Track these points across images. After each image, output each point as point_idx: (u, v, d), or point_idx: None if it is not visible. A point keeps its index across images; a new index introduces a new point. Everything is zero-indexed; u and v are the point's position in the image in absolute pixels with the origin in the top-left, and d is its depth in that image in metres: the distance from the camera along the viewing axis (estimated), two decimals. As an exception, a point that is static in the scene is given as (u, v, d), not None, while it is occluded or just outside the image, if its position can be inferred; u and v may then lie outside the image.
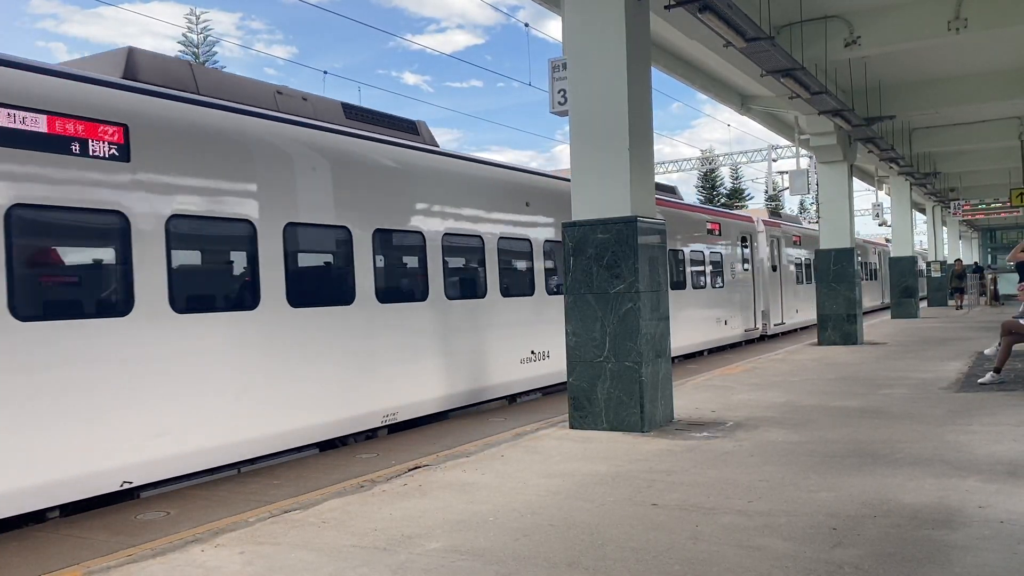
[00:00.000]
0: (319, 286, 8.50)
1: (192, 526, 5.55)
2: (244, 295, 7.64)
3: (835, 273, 16.56)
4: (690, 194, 72.88)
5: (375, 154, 9.29)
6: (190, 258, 7.33)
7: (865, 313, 29.25)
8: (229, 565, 4.26)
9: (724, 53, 12.18)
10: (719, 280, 19.24)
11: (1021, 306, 11.00)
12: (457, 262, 10.50)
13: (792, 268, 24.73)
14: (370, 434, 9.13)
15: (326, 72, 52.82)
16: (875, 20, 12.99)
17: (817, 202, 18.85)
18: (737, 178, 69.98)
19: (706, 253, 18.42)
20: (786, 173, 36.12)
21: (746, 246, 21.05)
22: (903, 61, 15.72)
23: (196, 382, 7.03)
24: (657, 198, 10.46)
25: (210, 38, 41.32)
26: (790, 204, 76.97)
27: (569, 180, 8.11)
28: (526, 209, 11.86)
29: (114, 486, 6.42)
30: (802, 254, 25.76)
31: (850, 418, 7.90)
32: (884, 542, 4.19)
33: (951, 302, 30.33)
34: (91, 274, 6.61)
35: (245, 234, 7.60)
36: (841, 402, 8.92)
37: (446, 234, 10.17)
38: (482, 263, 10.88)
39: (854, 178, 20.98)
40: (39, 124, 6.09)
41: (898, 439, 6.81)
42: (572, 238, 7.85)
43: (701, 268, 18.12)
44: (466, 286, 10.61)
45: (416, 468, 6.42)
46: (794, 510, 4.83)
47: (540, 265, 12.18)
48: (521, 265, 11.87)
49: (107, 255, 6.64)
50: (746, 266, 21.02)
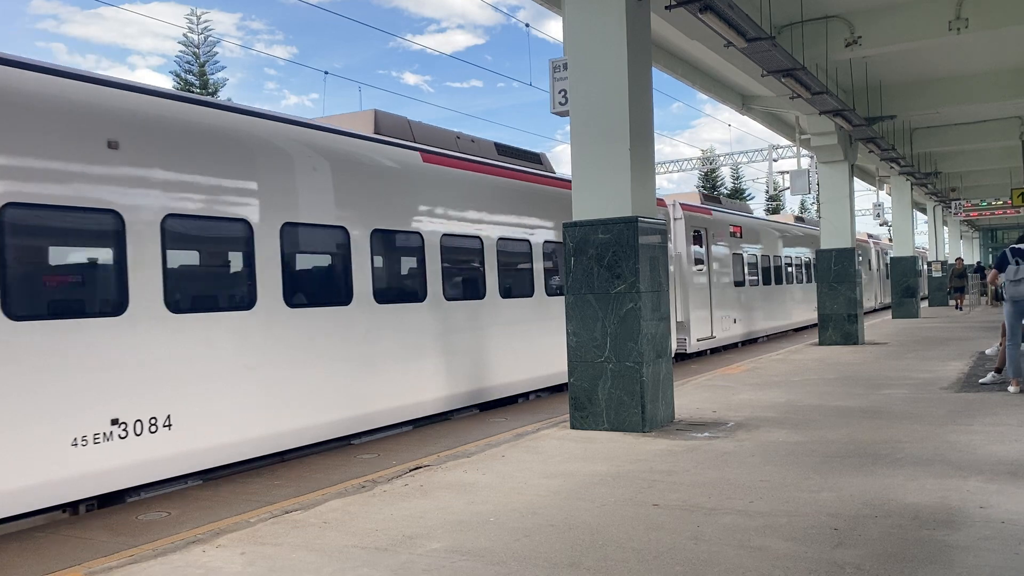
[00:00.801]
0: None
1: (193, 526, 5.55)
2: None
3: (836, 273, 16.56)
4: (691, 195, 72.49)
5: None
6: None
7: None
8: (230, 565, 4.27)
9: (725, 53, 12.19)
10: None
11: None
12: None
13: (728, 267, 19.73)
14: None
15: (327, 72, 52.90)
16: (876, 20, 12.99)
17: (818, 202, 18.82)
18: (738, 178, 70.00)
19: (536, 244, 12.05)
20: (787, 173, 36.16)
21: None
22: (904, 61, 15.72)
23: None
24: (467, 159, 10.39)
25: (210, 38, 41.32)
26: (791, 204, 77.00)
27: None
28: None
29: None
30: (746, 249, 21.00)
31: (851, 418, 7.90)
32: (885, 542, 4.19)
33: (951, 302, 29.79)
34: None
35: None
36: (842, 402, 8.91)
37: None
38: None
39: (855, 178, 21.03)
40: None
41: (899, 439, 6.81)
42: (573, 238, 7.85)
43: (523, 265, 11.89)
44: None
45: (417, 468, 6.42)
46: (795, 510, 4.83)
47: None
48: None
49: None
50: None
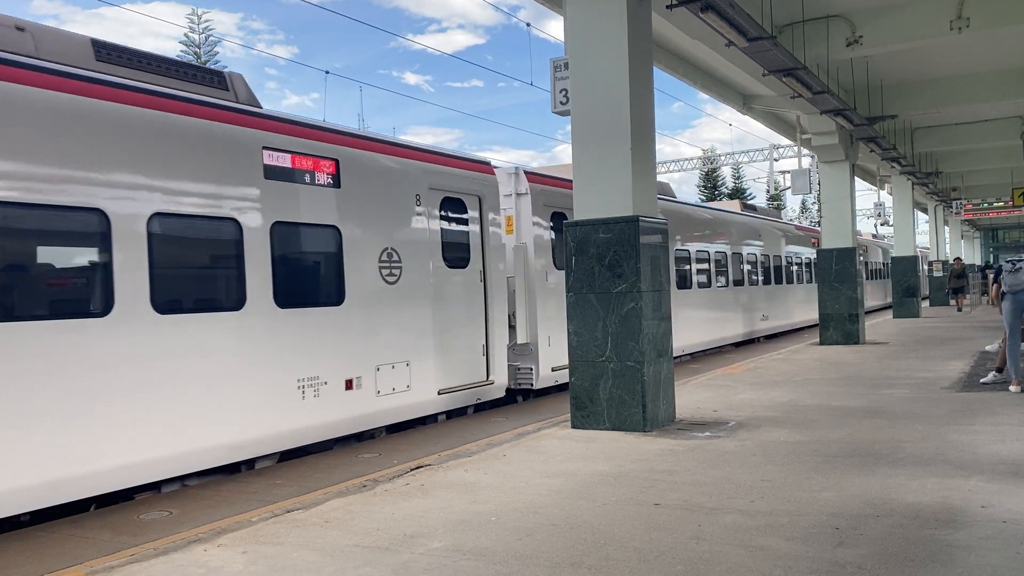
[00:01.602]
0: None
1: (195, 526, 5.55)
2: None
3: (837, 273, 16.55)
4: (691, 195, 72.63)
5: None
6: None
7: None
8: (232, 565, 4.27)
9: (726, 52, 12.18)
10: (334, 290, 8.61)
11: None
12: None
13: None
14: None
15: (327, 72, 52.92)
16: (877, 19, 12.98)
17: (819, 201, 18.80)
18: (739, 178, 69.99)
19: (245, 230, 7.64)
20: (788, 173, 36.21)
21: (445, 217, 10.23)
22: (905, 60, 15.71)
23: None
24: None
25: (211, 38, 41.35)
26: (792, 204, 76.96)
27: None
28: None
29: None
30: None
31: (852, 418, 7.89)
32: (887, 542, 4.19)
33: (952, 302, 29.21)
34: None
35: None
36: (843, 402, 8.91)
37: None
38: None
39: (856, 178, 20.99)
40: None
41: (900, 439, 6.80)
42: (574, 237, 7.85)
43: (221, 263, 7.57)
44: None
45: (418, 468, 6.42)
46: (796, 510, 4.83)
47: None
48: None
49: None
50: (438, 261, 10.04)
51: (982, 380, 9.89)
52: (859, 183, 30.49)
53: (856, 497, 5.05)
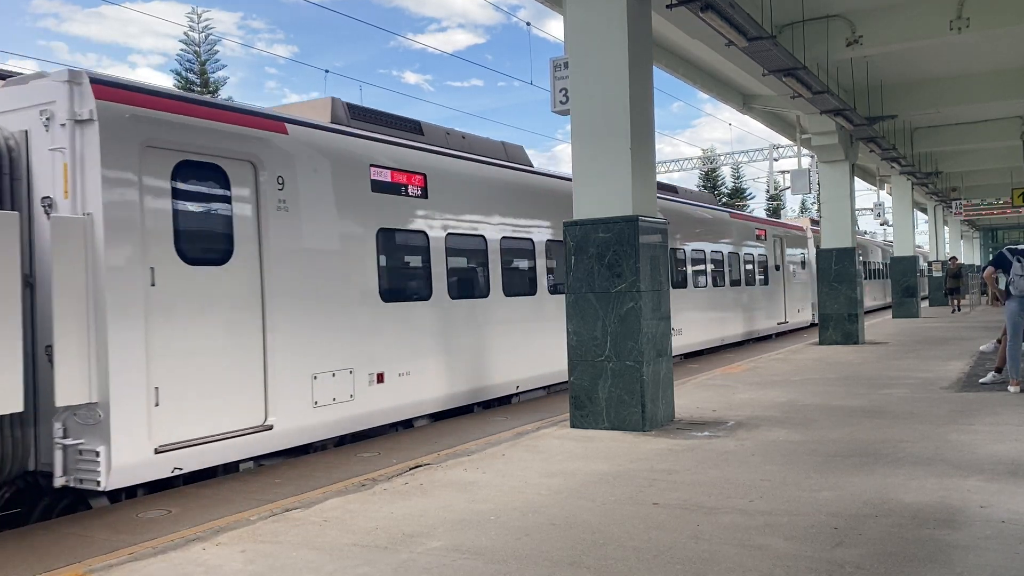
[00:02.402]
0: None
1: (193, 525, 5.54)
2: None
3: (836, 272, 16.55)
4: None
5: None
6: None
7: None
8: (230, 564, 4.27)
9: (726, 52, 12.18)
10: None
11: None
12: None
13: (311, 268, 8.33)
14: None
15: (327, 71, 52.94)
16: (877, 20, 12.98)
17: (818, 201, 18.78)
18: (738, 177, 69.94)
19: None
20: (787, 172, 36.19)
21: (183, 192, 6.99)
22: (905, 61, 15.71)
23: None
24: None
25: (211, 37, 41.25)
26: (791, 204, 76.88)
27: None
28: None
29: None
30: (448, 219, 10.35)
31: (851, 417, 7.90)
32: (885, 542, 4.19)
33: (952, 301, 28.38)
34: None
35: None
36: (842, 401, 8.91)
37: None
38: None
39: (855, 177, 20.99)
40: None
41: (899, 439, 6.80)
42: (573, 237, 7.85)
43: None
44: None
45: (417, 467, 6.42)
46: (795, 509, 4.83)
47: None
48: None
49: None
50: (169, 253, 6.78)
51: (981, 380, 9.90)
52: (859, 183, 30.45)
53: (855, 497, 5.05)
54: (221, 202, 7.24)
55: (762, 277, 21.31)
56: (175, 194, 6.85)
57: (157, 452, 6.52)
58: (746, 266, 20.22)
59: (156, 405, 6.54)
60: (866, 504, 4.88)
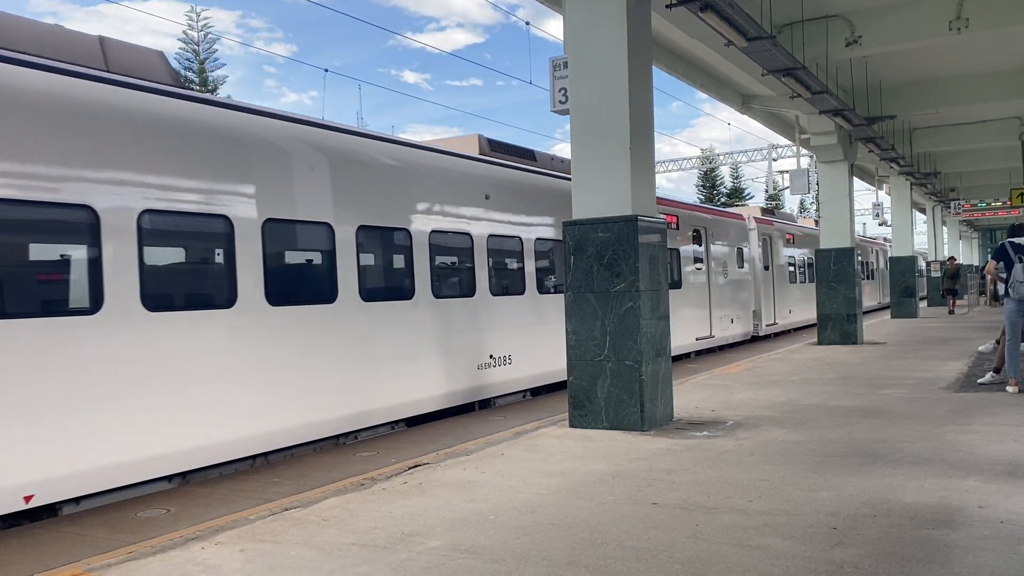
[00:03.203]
0: None
1: (192, 524, 5.54)
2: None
3: (835, 273, 16.56)
4: (690, 193, 72.14)
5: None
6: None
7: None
8: (229, 563, 4.27)
9: (725, 52, 12.18)
10: None
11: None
12: None
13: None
14: None
15: (326, 70, 52.96)
16: (876, 20, 12.99)
17: (817, 201, 18.79)
18: (737, 178, 69.96)
19: None
20: (786, 172, 36.17)
21: None
22: (904, 61, 15.72)
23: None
24: None
25: (210, 36, 41.25)
26: (790, 203, 76.88)
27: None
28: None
29: None
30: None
31: (850, 418, 7.90)
32: (884, 542, 4.19)
33: (950, 302, 27.80)
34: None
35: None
36: (841, 402, 8.92)
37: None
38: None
39: (854, 178, 21.01)
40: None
41: (898, 439, 6.81)
42: (572, 237, 7.85)
43: None
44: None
45: (416, 466, 6.42)
46: (794, 509, 4.83)
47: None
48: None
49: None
50: None
51: (980, 381, 9.90)
52: (857, 183, 30.46)
53: (854, 497, 5.05)
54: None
55: (674, 279, 16.64)
56: None
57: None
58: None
59: None
60: (865, 504, 4.88)
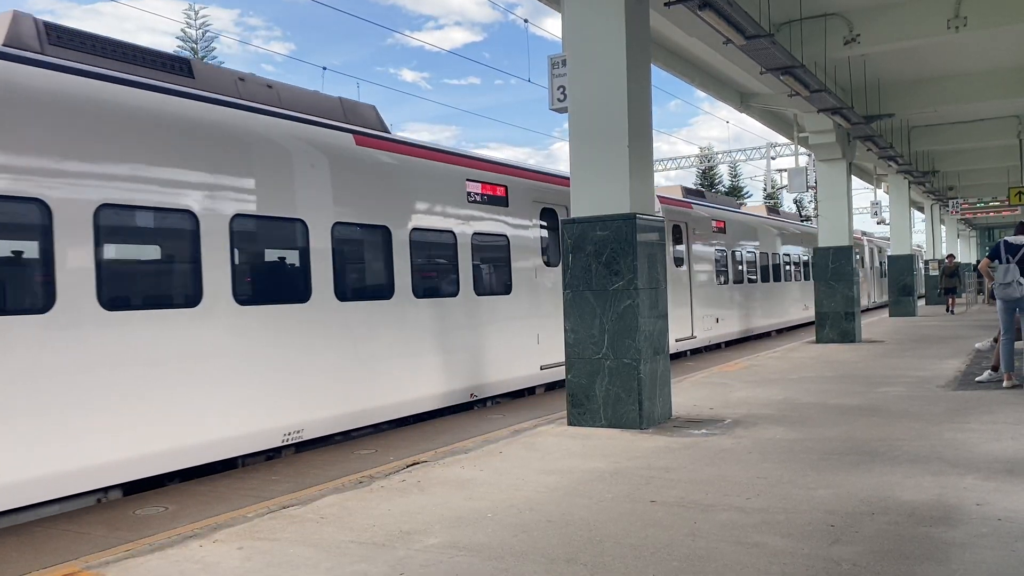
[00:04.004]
0: None
1: (190, 522, 5.54)
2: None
3: (833, 271, 16.57)
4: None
5: None
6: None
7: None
8: (227, 560, 4.27)
9: (723, 50, 12.18)
10: None
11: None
12: None
13: None
14: None
15: (325, 68, 52.92)
16: (874, 18, 12.99)
17: (816, 200, 18.80)
18: (736, 176, 69.96)
19: None
20: (785, 171, 36.14)
21: None
22: (902, 59, 15.72)
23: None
24: None
25: (208, 34, 41.20)
26: (788, 202, 76.88)
27: None
28: None
29: None
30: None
31: (848, 416, 7.91)
32: (882, 539, 4.20)
33: (948, 301, 26.89)
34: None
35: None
36: (839, 400, 8.92)
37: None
38: None
39: (853, 176, 21.00)
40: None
41: (896, 437, 6.82)
42: (571, 235, 7.85)
43: None
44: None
45: (414, 464, 6.42)
46: (792, 507, 4.84)
47: None
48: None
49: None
50: None
51: (978, 379, 9.92)
52: (856, 182, 30.45)
53: (852, 495, 5.06)
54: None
55: (499, 282, 11.21)
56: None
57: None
58: (414, 260, 9.64)
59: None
60: (863, 502, 4.89)
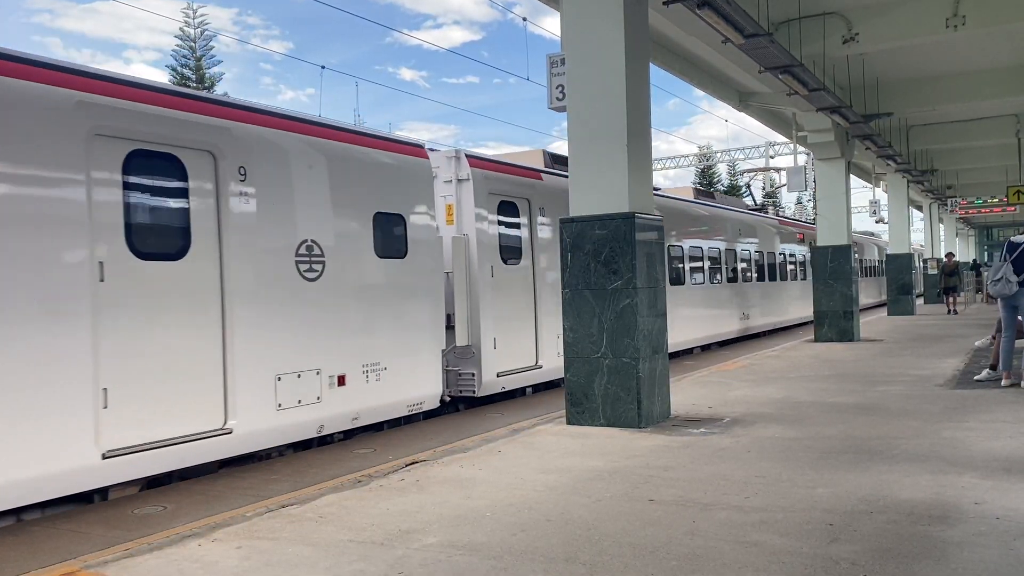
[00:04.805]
0: None
1: (189, 521, 5.54)
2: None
3: (832, 270, 16.58)
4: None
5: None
6: None
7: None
8: (226, 560, 4.26)
9: (722, 49, 12.18)
10: None
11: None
12: None
13: None
14: None
15: (323, 67, 52.90)
16: (873, 17, 12.99)
17: (814, 199, 18.82)
18: (734, 175, 69.97)
19: None
20: (783, 170, 36.15)
21: None
22: (901, 58, 15.72)
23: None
24: None
25: (207, 33, 41.19)
26: (787, 201, 76.85)
27: None
28: None
29: None
30: None
31: (847, 414, 7.91)
32: (880, 538, 4.20)
33: (948, 299, 26.31)
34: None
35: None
36: (838, 398, 8.93)
37: None
38: None
39: (851, 175, 21.02)
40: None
41: (895, 435, 6.82)
42: (570, 234, 7.84)
43: None
44: None
45: (413, 463, 6.42)
46: (791, 506, 4.84)
47: None
48: None
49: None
50: None
51: (976, 377, 9.92)
52: (854, 180, 30.44)
53: (850, 493, 5.06)
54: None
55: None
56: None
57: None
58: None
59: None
60: (861, 501, 4.89)
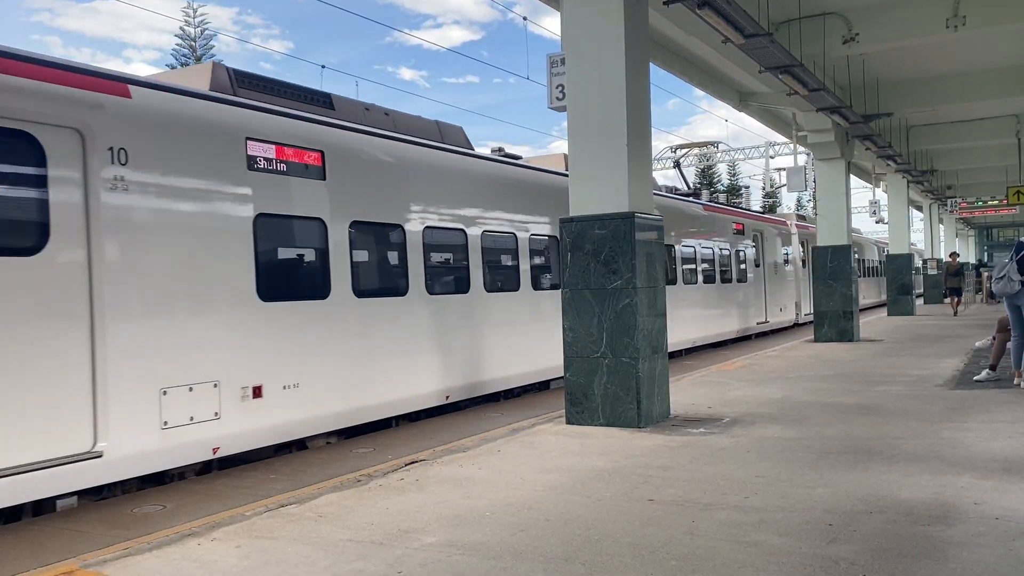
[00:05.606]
0: None
1: (189, 520, 5.54)
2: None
3: (832, 270, 16.58)
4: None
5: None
6: None
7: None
8: (226, 559, 4.26)
9: (722, 49, 12.18)
10: None
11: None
12: None
13: None
14: None
15: (323, 66, 52.95)
16: (873, 17, 12.99)
17: (814, 199, 18.82)
18: (734, 175, 70.02)
19: None
20: (783, 170, 36.14)
21: None
22: (901, 58, 15.72)
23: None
24: None
25: (207, 32, 41.20)
26: (787, 201, 76.93)
27: None
28: None
29: None
30: None
31: (846, 414, 7.91)
32: (880, 538, 4.20)
33: (947, 300, 25.82)
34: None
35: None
36: (837, 399, 8.93)
37: None
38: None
39: (851, 175, 21.02)
40: None
41: (894, 436, 6.82)
42: (570, 233, 7.85)
43: None
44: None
45: (413, 463, 6.42)
46: (790, 506, 4.84)
47: None
48: None
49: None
50: None
51: (976, 378, 9.92)
52: (854, 181, 30.43)
53: (849, 493, 5.06)
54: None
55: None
56: None
57: None
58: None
59: None
60: (860, 501, 4.89)
